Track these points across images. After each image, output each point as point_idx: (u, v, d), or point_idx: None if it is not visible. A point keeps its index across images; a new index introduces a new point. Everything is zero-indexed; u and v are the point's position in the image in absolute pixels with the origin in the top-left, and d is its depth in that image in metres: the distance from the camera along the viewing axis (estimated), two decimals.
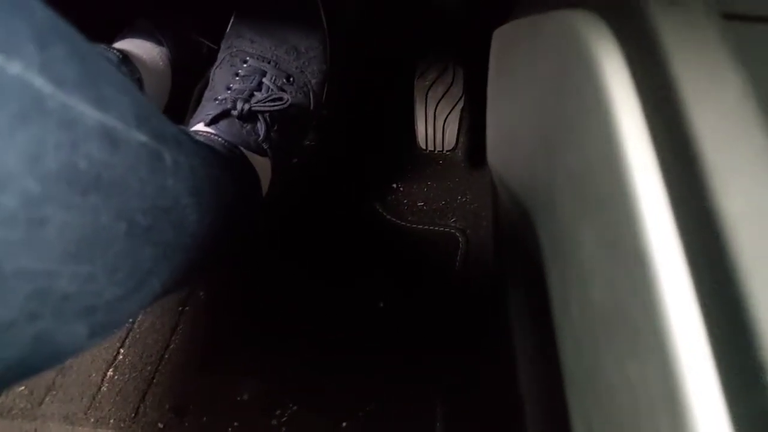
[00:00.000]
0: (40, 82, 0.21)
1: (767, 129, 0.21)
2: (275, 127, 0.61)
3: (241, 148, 0.58)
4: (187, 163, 0.36)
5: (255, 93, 0.61)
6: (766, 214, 0.20)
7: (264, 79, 0.62)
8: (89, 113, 0.24)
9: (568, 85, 0.29)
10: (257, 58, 0.64)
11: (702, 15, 0.24)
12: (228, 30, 0.67)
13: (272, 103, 0.60)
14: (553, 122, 0.32)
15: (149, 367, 0.69)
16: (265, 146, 0.59)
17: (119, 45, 0.68)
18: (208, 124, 0.58)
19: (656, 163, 0.23)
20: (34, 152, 0.21)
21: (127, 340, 0.71)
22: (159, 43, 0.69)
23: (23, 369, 0.25)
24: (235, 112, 0.58)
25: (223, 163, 0.50)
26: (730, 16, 0.27)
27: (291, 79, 0.64)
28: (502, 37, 0.47)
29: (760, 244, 0.20)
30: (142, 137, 0.29)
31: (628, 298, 0.24)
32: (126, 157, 0.27)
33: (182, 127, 0.55)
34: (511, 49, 0.43)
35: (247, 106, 0.58)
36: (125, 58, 0.64)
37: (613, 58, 0.25)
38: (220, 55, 0.66)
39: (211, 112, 0.58)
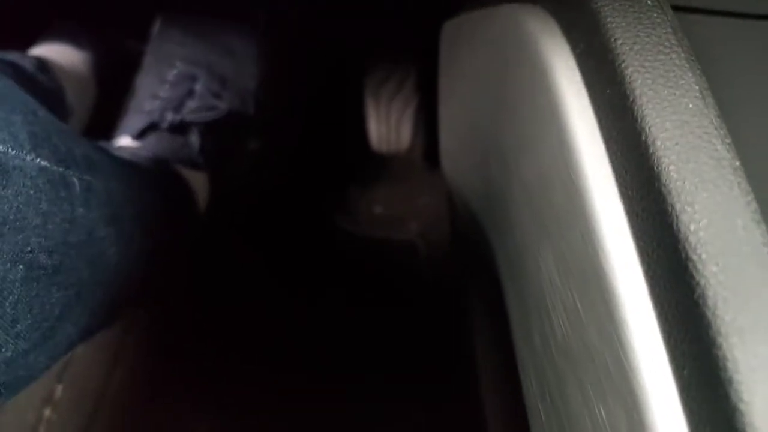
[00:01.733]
0: None
1: (725, 136, 0.18)
2: (210, 139, 0.55)
3: (174, 164, 0.53)
4: (103, 187, 0.32)
5: (186, 102, 0.55)
6: (730, 230, 0.18)
7: (196, 86, 0.56)
8: None
9: (520, 89, 0.26)
10: (187, 63, 0.58)
11: (653, 8, 0.20)
12: (154, 32, 0.62)
13: (206, 113, 0.54)
14: (506, 129, 0.28)
15: (90, 404, 0.64)
16: (199, 159, 0.54)
17: (37, 51, 0.62)
18: (134, 138, 0.53)
19: (614, 183, 0.20)
20: None
21: (65, 375, 0.65)
22: (81, 47, 0.64)
23: None
24: (164, 125, 0.53)
25: (150, 182, 0.46)
26: (679, 9, 0.24)
27: (226, 83, 0.59)
28: (451, 32, 0.44)
29: (724, 262, 0.17)
30: (41, 162, 0.25)
31: (595, 339, 0.21)
32: (21, 187, 0.23)
33: (100, 144, 0.49)
34: (460, 46, 0.40)
35: (177, 117, 0.53)
36: (43, 65, 0.58)
37: (563, 59, 0.22)
38: (146, 61, 0.60)
39: (137, 125, 0.53)
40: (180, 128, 0.54)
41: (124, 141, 0.53)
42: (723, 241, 0.18)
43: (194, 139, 0.54)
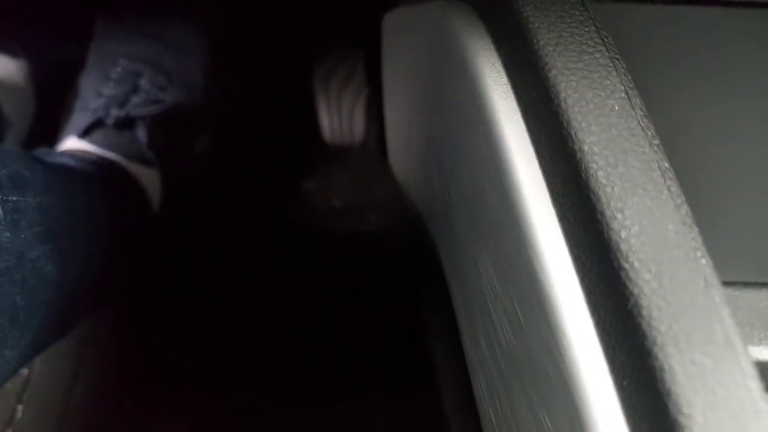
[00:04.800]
0: None
1: (653, 137, 0.18)
2: (159, 133, 0.54)
3: (122, 161, 0.51)
4: (34, 203, 0.30)
5: (131, 97, 0.54)
6: (661, 236, 0.18)
7: (140, 82, 0.55)
8: None
9: (450, 90, 0.25)
10: (130, 59, 0.56)
11: (575, 6, 0.20)
12: (95, 31, 0.59)
13: (151, 106, 0.53)
14: (441, 129, 0.27)
15: (53, 421, 0.62)
16: (149, 155, 0.53)
17: None
18: (80, 137, 0.51)
19: (545, 189, 0.19)
20: None
21: (24, 395, 0.63)
22: (15, 56, 0.61)
23: None
24: (109, 120, 0.51)
25: (94, 185, 0.44)
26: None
27: (171, 77, 0.57)
28: (390, 24, 0.43)
29: (656, 269, 0.17)
30: None
31: (537, 349, 0.20)
32: None
33: (38, 152, 0.47)
34: (398, 39, 0.38)
35: (123, 113, 0.51)
36: None
37: (489, 61, 0.21)
38: (89, 60, 0.58)
39: (82, 123, 0.51)
40: (126, 123, 0.52)
41: (70, 142, 0.51)
42: (655, 248, 0.17)
43: (141, 133, 0.52)
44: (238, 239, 0.70)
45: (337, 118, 0.68)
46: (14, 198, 0.29)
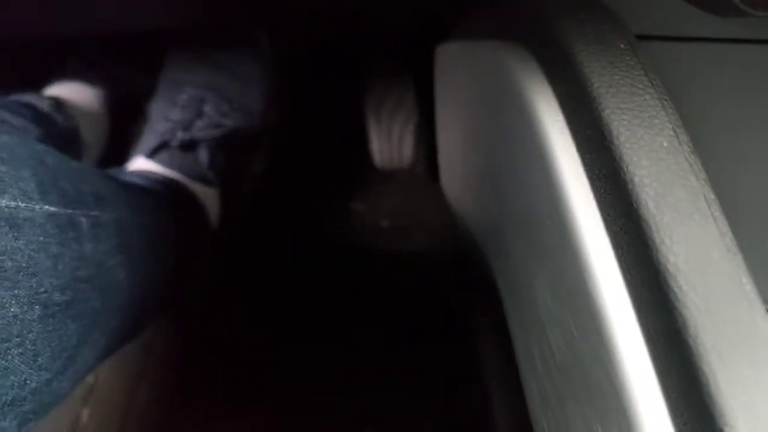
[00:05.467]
0: None
1: (699, 170, 0.20)
2: (219, 155, 0.58)
3: (185, 180, 0.55)
4: (112, 218, 0.34)
5: (195, 121, 0.58)
6: (707, 261, 0.19)
7: (204, 107, 0.59)
8: None
9: (506, 124, 0.27)
10: (196, 87, 0.61)
11: (625, 52, 0.22)
12: (165, 61, 0.64)
13: (213, 130, 0.57)
14: (497, 157, 0.29)
15: (115, 426, 0.65)
16: (210, 175, 0.57)
17: (53, 90, 0.65)
18: (148, 157, 0.55)
19: (599, 218, 0.21)
20: None
21: (89, 400, 0.67)
22: (93, 83, 0.66)
23: None
24: (175, 143, 0.56)
25: (160, 203, 0.48)
26: (647, 37, 0.25)
27: (233, 104, 0.61)
28: (444, 55, 0.45)
29: (704, 295, 0.19)
30: (49, 208, 0.27)
31: (590, 363, 0.22)
32: (32, 237, 0.25)
33: (112, 172, 0.51)
34: (452, 70, 0.41)
35: (187, 135, 0.56)
36: (58, 104, 0.60)
37: (546, 100, 0.23)
38: (158, 88, 0.63)
39: (150, 144, 0.56)
40: (190, 145, 0.56)
41: (139, 161, 0.56)
42: (701, 272, 0.19)
43: (203, 155, 0.56)
44: (289, 256, 0.73)
45: (387, 143, 0.71)
46: (96, 213, 0.32)
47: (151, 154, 0.56)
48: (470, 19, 0.40)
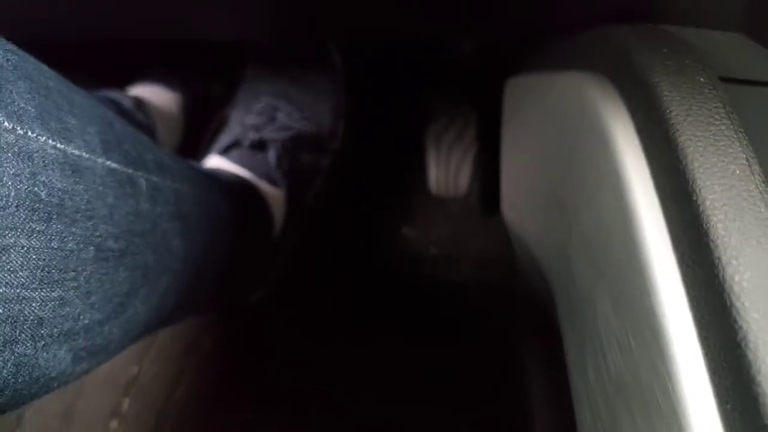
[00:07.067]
0: None
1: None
2: (287, 157, 0.62)
3: (253, 178, 0.59)
4: (172, 187, 0.37)
5: (267, 125, 0.63)
6: None
7: (278, 114, 0.64)
8: (50, 144, 0.25)
9: (580, 148, 0.29)
10: (272, 96, 0.65)
11: (705, 85, 0.23)
12: (246, 73, 0.69)
13: (283, 132, 0.61)
14: (567, 183, 0.31)
15: (153, 419, 0.68)
16: (276, 175, 0.60)
17: (135, 90, 0.69)
18: (221, 154, 0.60)
19: (667, 237, 0.22)
20: None
21: (132, 390, 0.70)
22: (173, 88, 0.70)
23: (8, 396, 0.25)
24: (246, 142, 0.60)
25: (225, 191, 0.51)
26: (729, 80, 0.27)
27: (304, 112, 0.66)
28: (514, 89, 0.47)
29: (765, 309, 0.20)
30: (110, 163, 0.29)
31: (646, 374, 0.23)
32: (91, 184, 0.27)
33: (180, 158, 0.55)
34: (523, 103, 0.43)
35: (257, 136, 0.60)
36: (139, 103, 0.65)
37: (623, 125, 0.25)
38: (238, 96, 0.68)
39: (224, 143, 0.61)
40: (260, 145, 0.61)
41: (212, 159, 0.61)
42: (764, 291, 0.20)
43: (272, 155, 0.60)
44: (334, 271, 0.75)
45: (445, 171, 0.73)
46: (156, 179, 0.34)
47: (224, 152, 0.60)
48: (542, 52, 0.42)
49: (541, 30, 0.37)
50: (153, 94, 0.69)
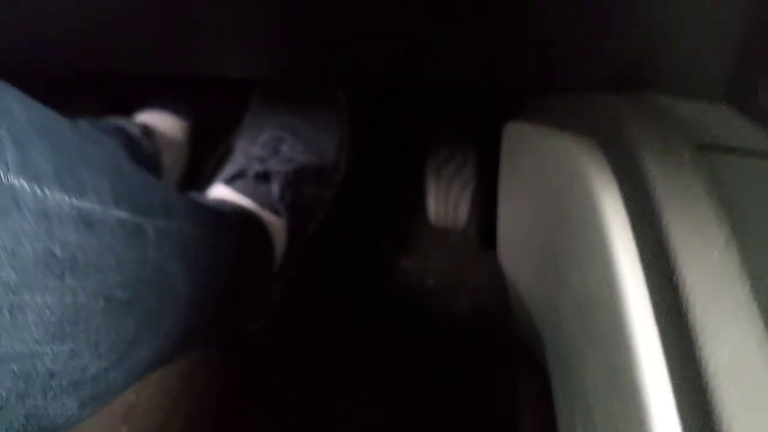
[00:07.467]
0: (18, 182, 0.23)
1: (745, 281, 0.22)
2: (290, 188, 0.63)
3: (256, 208, 0.60)
4: (177, 228, 0.38)
5: (271, 157, 0.64)
6: (746, 364, 0.21)
7: (282, 146, 0.65)
8: (65, 201, 0.26)
9: (571, 211, 0.29)
10: (277, 128, 0.66)
11: (690, 165, 0.24)
12: (251, 104, 0.70)
13: (287, 164, 0.63)
14: (558, 242, 0.32)
15: None
16: (279, 206, 0.61)
17: (142, 117, 0.70)
18: (225, 183, 0.61)
19: (651, 311, 0.23)
20: (11, 246, 0.22)
21: (129, 418, 0.70)
22: (179, 115, 0.72)
23: None
24: (251, 173, 0.61)
25: (228, 224, 0.52)
26: (709, 147, 0.28)
27: (308, 145, 0.67)
28: (512, 134, 0.48)
29: (743, 396, 0.21)
30: (120, 214, 0.30)
31: None
32: (102, 236, 0.28)
33: (185, 195, 0.56)
34: (520, 151, 0.44)
35: (262, 167, 0.62)
36: (146, 130, 0.66)
37: (611, 195, 0.26)
38: (243, 127, 0.69)
39: (229, 173, 0.62)
40: (264, 176, 0.62)
41: (217, 188, 0.62)
42: (740, 373, 0.21)
43: (275, 186, 0.61)
44: (334, 301, 0.76)
45: (444, 204, 0.74)
46: (162, 223, 0.35)
47: (228, 181, 0.61)
48: (540, 103, 0.43)
49: (541, 87, 0.38)
50: (160, 121, 0.70)
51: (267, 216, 0.61)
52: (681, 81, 0.30)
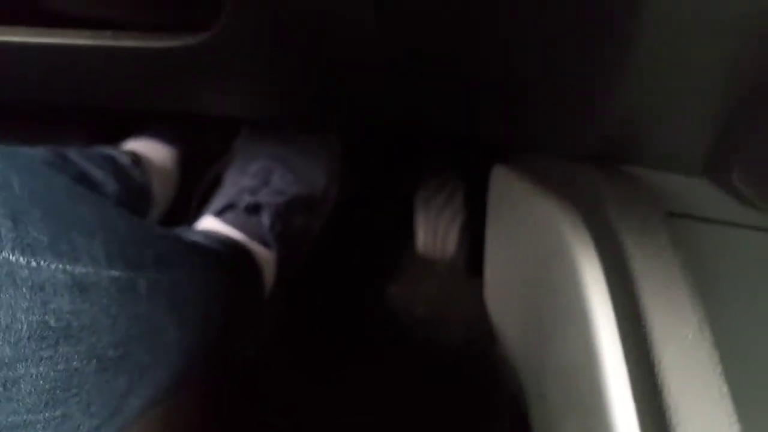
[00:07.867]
0: (14, 257, 0.24)
1: (717, 365, 0.23)
2: (280, 220, 0.63)
3: (246, 240, 0.60)
4: (167, 278, 0.38)
5: (262, 188, 0.64)
6: None
7: (272, 177, 0.65)
8: (59, 269, 0.26)
9: (553, 276, 0.30)
10: (267, 158, 0.66)
11: (666, 248, 0.25)
12: (241, 133, 0.70)
13: (277, 196, 0.62)
14: (544, 306, 0.33)
15: None
16: (269, 238, 0.61)
17: (133, 144, 0.71)
18: (215, 215, 0.61)
19: (628, 385, 0.24)
20: (6, 321, 0.23)
21: None
22: (170, 143, 0.72)
23: None
24: (241, 204, 0.61)
25: (219, 262, 0.52)
26: (680, 215, 0.29)
27: (299, 176, 0.67)
28: (500, 177, 0.49)
29: None
30: (113, 273, 0.30)
31: None
32: (96, 299, 0.28)
33: (176, 231, 0.56)
34: (506, 199, 0.45)
35: (252, 199, 0.61)
36: (136, 159, 0.66)
37: (591, 265, 0.27)
38: (234, 156, 0.69)
39: (219, 204, 0.62)
40: (254, 208, 0.62)
41: (207, 220, 0.62)
42: None
43: (266, 218, 0.61)
44: (321, 331, 0.76)
45: (432, 235, 0.75)
46: (154, 276, 0.35)
47: (219, 213, 0.61)
48: (527, 157, 0.44)
49: (528, 149, 0.39)
50: (149, 148, 0.70)
51: (256, 248, 0.61)
52: (660, 157, 0.31)
